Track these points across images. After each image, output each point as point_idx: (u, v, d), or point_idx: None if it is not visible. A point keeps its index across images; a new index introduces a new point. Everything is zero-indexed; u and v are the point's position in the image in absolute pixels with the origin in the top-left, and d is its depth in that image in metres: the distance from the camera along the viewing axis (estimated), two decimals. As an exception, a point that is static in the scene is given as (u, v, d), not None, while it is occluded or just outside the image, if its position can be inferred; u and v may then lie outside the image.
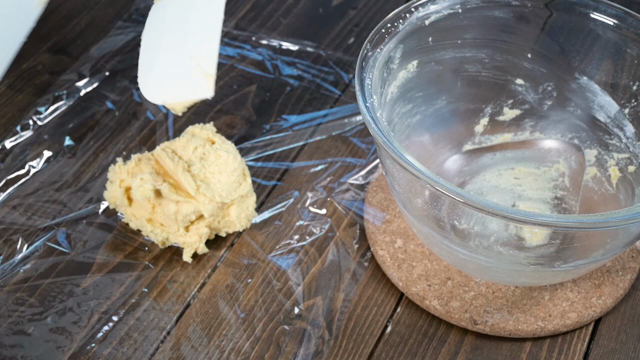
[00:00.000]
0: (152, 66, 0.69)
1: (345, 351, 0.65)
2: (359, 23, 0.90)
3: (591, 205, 0.71)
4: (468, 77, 0.71)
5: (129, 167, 0.70)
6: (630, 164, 0.69)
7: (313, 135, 0.79)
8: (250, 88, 0.83)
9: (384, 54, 0.64)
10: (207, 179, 0.69)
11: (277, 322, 0.66)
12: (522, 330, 0.66)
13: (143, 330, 0.65)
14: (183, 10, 0.70)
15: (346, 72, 0.84)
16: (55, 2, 0.89)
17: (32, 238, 0.70)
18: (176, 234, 0.69)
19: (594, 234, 0.61)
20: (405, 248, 0.69)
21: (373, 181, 0.74)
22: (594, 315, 0.67)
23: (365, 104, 0.60)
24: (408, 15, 0.66)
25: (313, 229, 0.72)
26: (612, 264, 0.69)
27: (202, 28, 0.68)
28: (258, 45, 0.86)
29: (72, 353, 0.64)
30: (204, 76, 0.66)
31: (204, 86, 0.66)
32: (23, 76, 0.82)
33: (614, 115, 0.70)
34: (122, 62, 0.84)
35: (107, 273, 0.68)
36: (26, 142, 0.77)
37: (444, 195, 0.56)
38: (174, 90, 0.67)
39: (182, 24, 0.69)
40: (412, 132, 0.70)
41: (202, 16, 0.69)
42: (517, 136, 0.74)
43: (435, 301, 0.66)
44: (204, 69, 0.66)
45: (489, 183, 0.73)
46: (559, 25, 0.70)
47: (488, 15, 0.69)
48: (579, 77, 0.70)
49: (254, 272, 0.69)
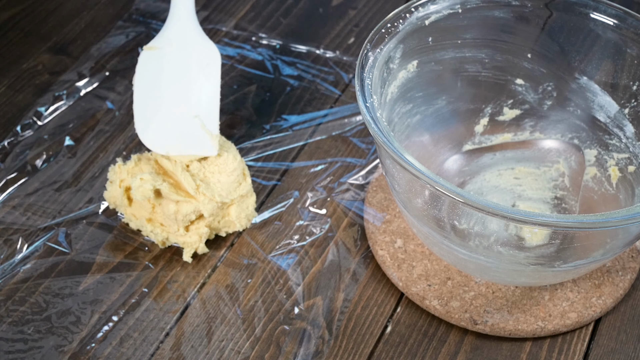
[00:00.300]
0: (153, 117, 0.71)
1: (345, 351, 0.65)
2: (359, 23, 0.90)
3: (591, 205, 0.71)
4: (468, 77, 0.71)
5: (128, 167, 0.70)
6: (630, 164, 0.69)
7: (313, 135, 0.79)
8: (250, 88, 0.83)
9: (384, 54, 0.64)
10: (207, 179, 0.69)
11: (277, 322, 0.66)
12: (522, 330, 0.66)
13: (143, 330, 0.65)
14: (181, 64, 0.72)
15: (346, 72, 0.84)
16: (55, 2, 0.89)
17: (32, 238, 0.70)
18: (176, 233, 0.69)
19: (594, 234, 0.61)
20: (405, 248, 0.69)
21: (373, 181, 0.74)
22: (594, 315, 0.67)
23: (365, 104, 0.60)
24: (408, 15, 0.66)
25: (313, 229, 0.72)
26: (612, 264, 0.69)
27: (203, 88, 0.71)
28: (258, 45, 0.86)
29: (72, 353, 0.64)
30: (210, 137, 0.69)
31: (209, 146, 0.69)
32: (23, 76, 0.82)
33: (614, 115, 0.70)
34: (122, 62, 0.84)
35: (107, 273, 0.68)
36: (26, 142, 0.77)
37: (444, 195, 0.56)
38: (177, 145, 0.70)
39: (181, 80, 0.72)
40: (412, 132, 0.70)
41: (201, 75, 0.72)
42: (517, 136, 0.74)
43: (435, 301, 0.66)
44: (209, 130, 0.70)
45: (489, 183, 0.73)
46: (559, 25, 0.70)
47: (488, 15, 0.69)
48: (579, 77, 0.70)
49: (254, 272, 0.69)
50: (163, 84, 0.71)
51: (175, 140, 0.70)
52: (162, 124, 0.71)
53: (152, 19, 0.88)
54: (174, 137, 0.70)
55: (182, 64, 0.72)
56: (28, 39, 0.86)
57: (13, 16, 0.88)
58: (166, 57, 0.72)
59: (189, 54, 0.72)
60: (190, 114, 0.70)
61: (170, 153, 0.69)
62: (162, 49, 0.72)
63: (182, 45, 0.72)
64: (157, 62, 0.72)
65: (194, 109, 0.70)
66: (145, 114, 0.71)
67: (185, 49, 0.72)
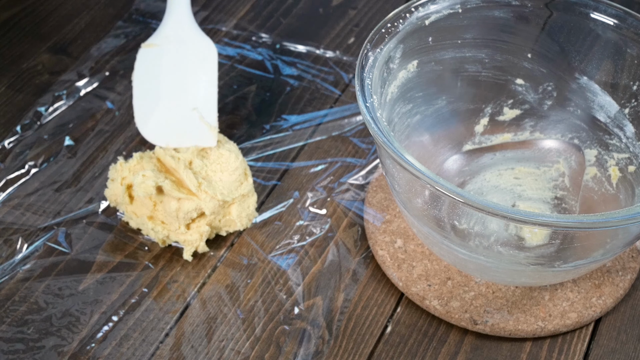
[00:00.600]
0: (152, 111, 0.73)
1: (345, 351, 0.65)
2: (359, 23, 0.90)
3: (591, 205, 0.71)
4: (468, 77, 0.71)
5: (130, 165, 0.70)
6: (630, 164, 0.69)
7: (313, 135, 0.79)
8: (250, 88, 0.83)
9: (384, 54, 0.64)
10: (209, 177, 0.69)
11: (277, 322, 0.66)
12: (522, 330, 0.66)
13: (143, 330, 0.65)
14: (178, 59, 0.74)
15: (346, 72, 0.84)
16: (55, 2, 0.89)
17: (32, 238, 0.70)
18: (177, 231, 0.69)
19: (594, 234, 0.61)
20: (405, 248, 0.69)
21: (373, 181, 0.74)
22: (594, 315, 0.67)
23: (365, 104, 0.60)
24: (408, 15, 0.66)
25: (313, 229, 0.72)
26: (612, 264, 0.69)
27: (200, 81, 0.73)
28: (258, 45, 0.86)
29: (72, 353, 0.64)
30: (209, 128, 0.71)
31: (208, 137, 0.71)
32: (23, 76, 0.82)
33: (614, 115, 0.70)
34: (122, 62, 0.84)
35: (107, 273, 0.68)
36: (26, 142, 0.77)
37: (444, 195, 0.56)
38: (177, 137, 0.71)
39: (179, 74, 0.73)
40: (412, 132, 0.70)
41: (198, 69, 0.73)
42: (517, 136, 0.74)
43: (435, 301, 0.66)
44: (208, 122, 0.71)
45: (489, 183, 0.73)
46: (559, 25, 0.70)
47: (488, 15, 0.69)
48: (579, 77, 0.70)
49: (254, 272, 0.69)
50: (161, 78, 0.73)
51: (175, 132, 0.71)
52: (161, 117, 0.72)
53: (152, 19, 0.88)
54: (174, 129, 0.72)
55: (179, 59, 0.73)
56: (28, 39, 0.86)
57: (13, 16, 0.88)
58: (164, 53, 0.73)
59: (186, 50, 0.73)
60: (188, 107, 0.72)
61: (170, 145, 0.70)
62: (160, 46, 0.73)
63: (179, 42, 0.74)
64: (155, 58, 0.74)
65: (192, 102, 0.72)
66: (144, 108, 0.73)
67: (182, 45, 0.74)
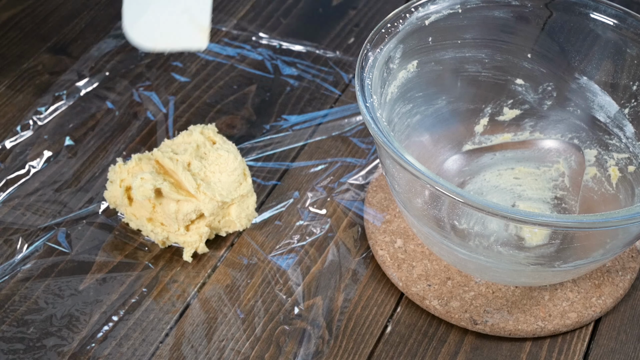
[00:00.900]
0: (142, 13, 0.69)
1: (345, 351, 0.65)
2: (359, 23, 0.90)
3: (591, 205, 0.71)
4: (468, 77, 0.71)
5: (129, 167, 0.70)
6: (630, 164, 0.69)
7: (313, 135, 0.79)
8: (250, 88, 0.83)
9: (384, 54, 0.64)
10: (208, 178, 0.69)
11: (277, 322, 0.66)
12: (522, 330, 0.66)
13: (143, 330, 0.65)
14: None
15: (346, 72, 0.84)
16: (55, 2, 0.89)
17: (32, 238, 0.70)
18: (176, 233, 0.69)
19: (593, 234, 0.61)
20: (405, 248, 0.69)
21: (373, 181, 0.74)
22: (594, 315, 0.67)
23: (365, 104, 0.60)
24: (408, 15, 0.66)
25: (313, 229, 0.72)
26: (612, 264, 0.69)
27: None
28: (258, 45, 0.86)
29: (72, 353, 0.64)
30: (199, 29, 0.67)
31: (198, 38, 0.67)
32: (23, 76, 0.82)
33: (613, 115, 0.70)
34: (122, 62, 0.84)
35: (107, 273, 0.68)
36: (26, 142, 0.77)
37: (444, 195, 0.56)
38: (166, 38, 0.68)
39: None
40: (412, 132, 0.70)
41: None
42: (517, 136, 0.74)
43: (435, 301, 0.66)
44: (198, 22, 0.67)
45: (489, 183, 0.73)
46: (559, 25, 0.70)
47: (488, 15, 0.69)
48: (579, 77, 0.70)
49: (254, 272, 0.69)
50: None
51: (164, 34, 0.68)
52: (150, 19, 0.69)
53: (152, 19, 0.88)
54: (163, 31, 0.68)
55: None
56: (28, 39, 0.86)
57: (13, 16, 0.88)
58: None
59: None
60: (181, 7, 0.68)
61: (157, 48, 0.68)
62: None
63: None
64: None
65: (183, 3, 0.68)
66: (133, 12, 0.69)
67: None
